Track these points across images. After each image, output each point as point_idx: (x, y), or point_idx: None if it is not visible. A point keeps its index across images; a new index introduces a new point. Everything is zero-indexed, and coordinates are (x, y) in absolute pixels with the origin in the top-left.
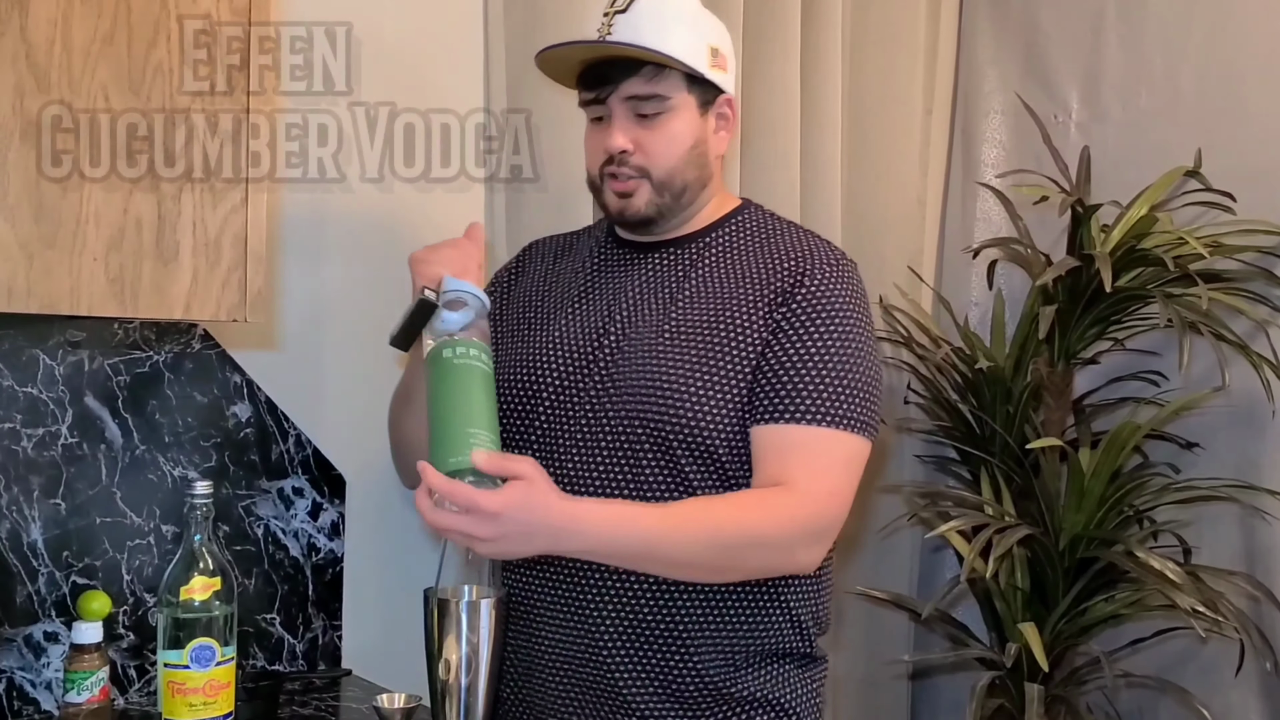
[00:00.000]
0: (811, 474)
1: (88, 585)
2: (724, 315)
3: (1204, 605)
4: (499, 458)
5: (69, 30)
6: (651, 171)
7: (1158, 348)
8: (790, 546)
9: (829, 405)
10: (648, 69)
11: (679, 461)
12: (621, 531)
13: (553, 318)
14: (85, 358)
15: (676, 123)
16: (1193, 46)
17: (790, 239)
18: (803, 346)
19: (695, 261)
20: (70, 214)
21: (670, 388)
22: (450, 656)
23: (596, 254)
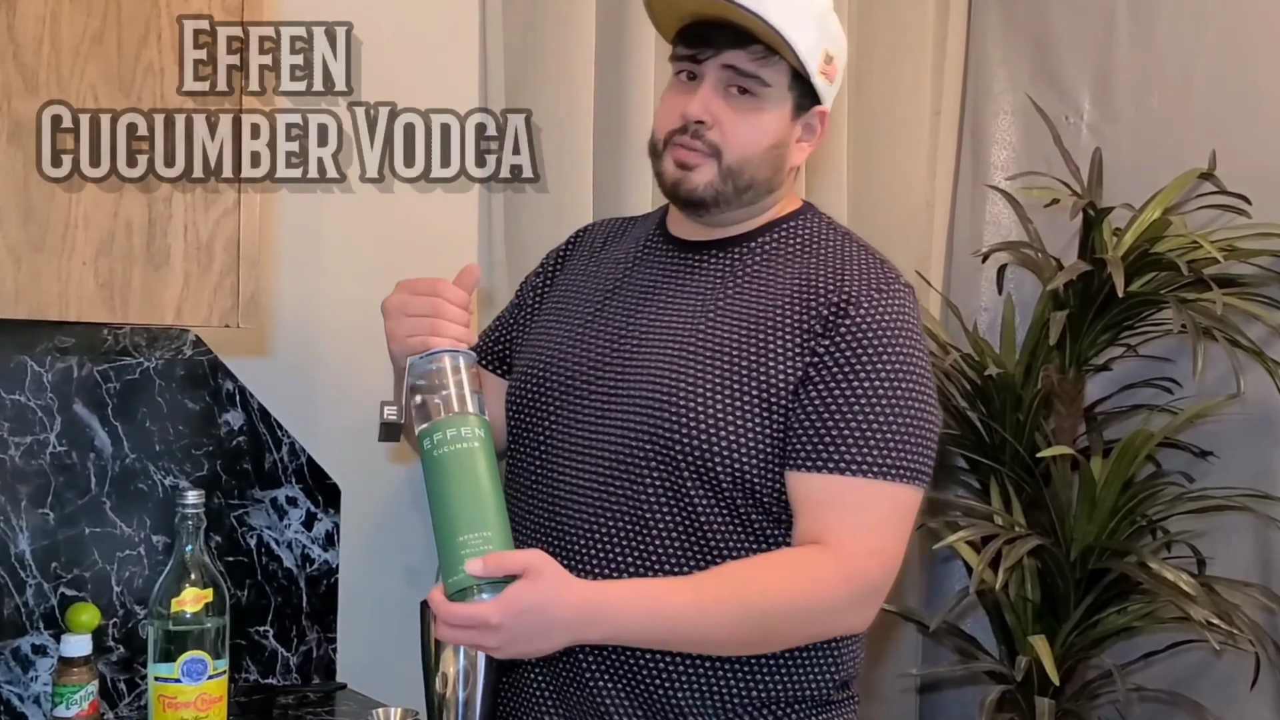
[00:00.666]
0: (852, 532)
1: (77, 597)
2: (757, 334)
3: (1218, 617)
4: (495, 560)
5: (58, 29)
6: (724, 153)
7: (1171, 354)
8: (832, 614)
9: (874, 454)
10: (757, 47)
11: (685, 487)
12: (648, 618)
13: (578, 310)
14: (74, 364)
15: (766, 115)
16: (1206, 45)
17: (840, 254)
18: (846, 386)
19: (736, 269)
20: (59, 217)
21: (685, 407)
22: (448, 670)
23: (642, 244)
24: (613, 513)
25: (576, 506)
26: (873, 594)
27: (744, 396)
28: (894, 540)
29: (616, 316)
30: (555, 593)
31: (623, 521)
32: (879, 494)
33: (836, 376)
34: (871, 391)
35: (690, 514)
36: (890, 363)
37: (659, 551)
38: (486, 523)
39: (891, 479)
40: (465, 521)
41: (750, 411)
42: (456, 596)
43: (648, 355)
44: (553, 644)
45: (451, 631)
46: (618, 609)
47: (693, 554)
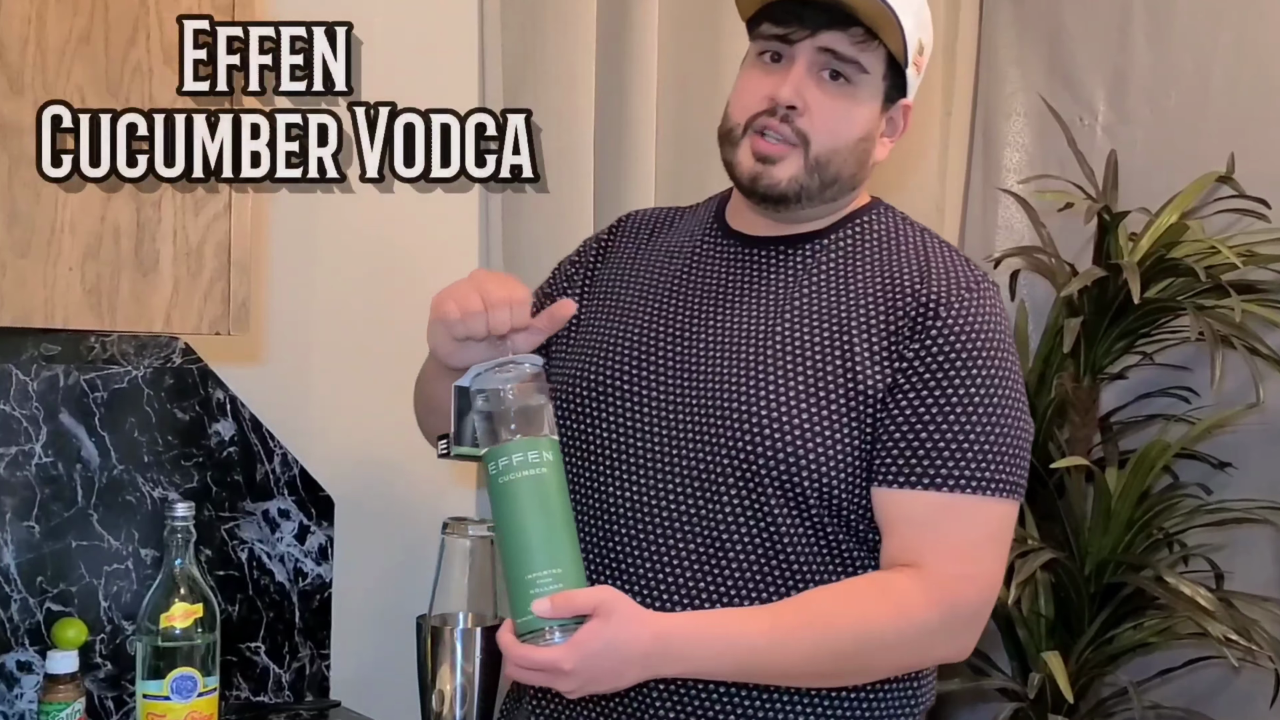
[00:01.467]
0: (946, 555)
1: (63, 612)
2: (841, 338)
3: (1237, 633)
4: (564, 600)
5: (43, 28)
6: (813, 142)
7: (1189, 362)
8: (924, 644)
9: (971, 467)
10: (858, 30)
11: (768, 505)
12: (724, 650)
13: (635, 308)
14: (60, 373)
15: (859, 103)
16: (1224, 44)
17: (921, 251)
18: (940, 393)
19: (810, 268)
20: (45, 221)
21: (769, 417)
22: (444, 687)
23: (699, 239)
24: (684, 535)
25: (640, 528)
26: (971, 620)
27: (830, 405)
28: (992, 561)
29: (679, 317)
30: (628, 631)
31: (695, 545)
32: (976, 511)
33: (929, 383)
34: (966, 399)
35: (772, 535)
36: (984, 368)
37: (736, 577)
38: (558, 559)
39: (989, 494)
40: (536, 557)
41: (838, 421)
42: (528, 637)
43: (721, 360)
44: (627, 681)
45: (523, 674)
46: (692, 643)
47: (773, 579)
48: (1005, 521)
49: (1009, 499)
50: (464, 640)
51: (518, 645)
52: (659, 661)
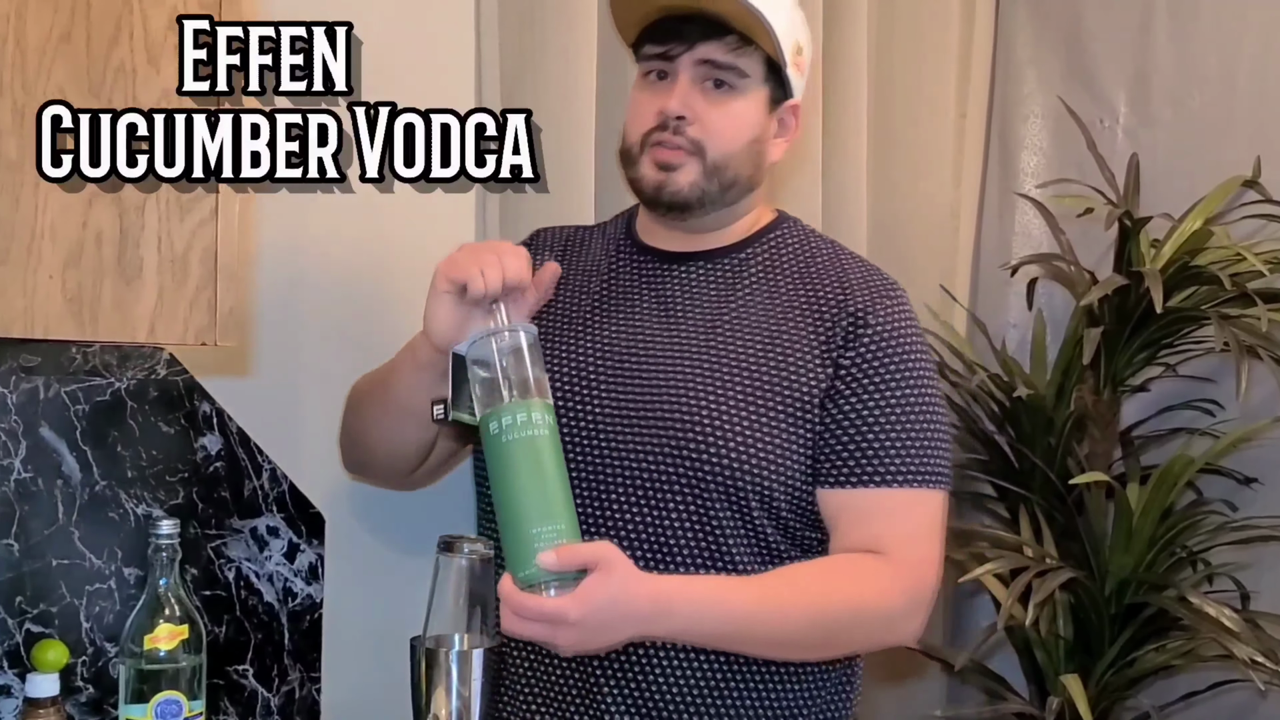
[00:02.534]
0: (905, 541)
1: (43, 634)
2: (775, 348)
3: (1264, 655)
4: (569, 553)
5: (23, 27)
6: (707, 149)
7: (1213, 374)
8: (893, 620)
9: (914, 464)
10: (732, 37)
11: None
12: (714, 614)
13: (561, 326)
14: (40, 385)
15: (745, 106)
16: (1249, 44)
17: (837, 265)
18: (879, 396)
19: (732, 282)
20: (24, 227)
21: (713, 425)
22: (439, 711)
23: (614, 256)
24: (632, 540)
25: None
26: (926, 602)
27: (768, 411)
28: (939, 547)
29: (608, 331)
30: (629, 587)
31: (642, 549)
32: (920, 503)
33: (867, 388)
34: (901, 400)
35: (716, 540)
36: (913, 370)
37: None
38: (557, 515)
39: (930, 486)
40: (537, 513)
41: (776, 426)
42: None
43: (659, 372)
44: (621, 638)
45: (522, 624)
46: (688, 603)
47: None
48: (942, 510)
49: (944, 489)
50: (460, 663)
51: (521, 594)
52: (654, 620)
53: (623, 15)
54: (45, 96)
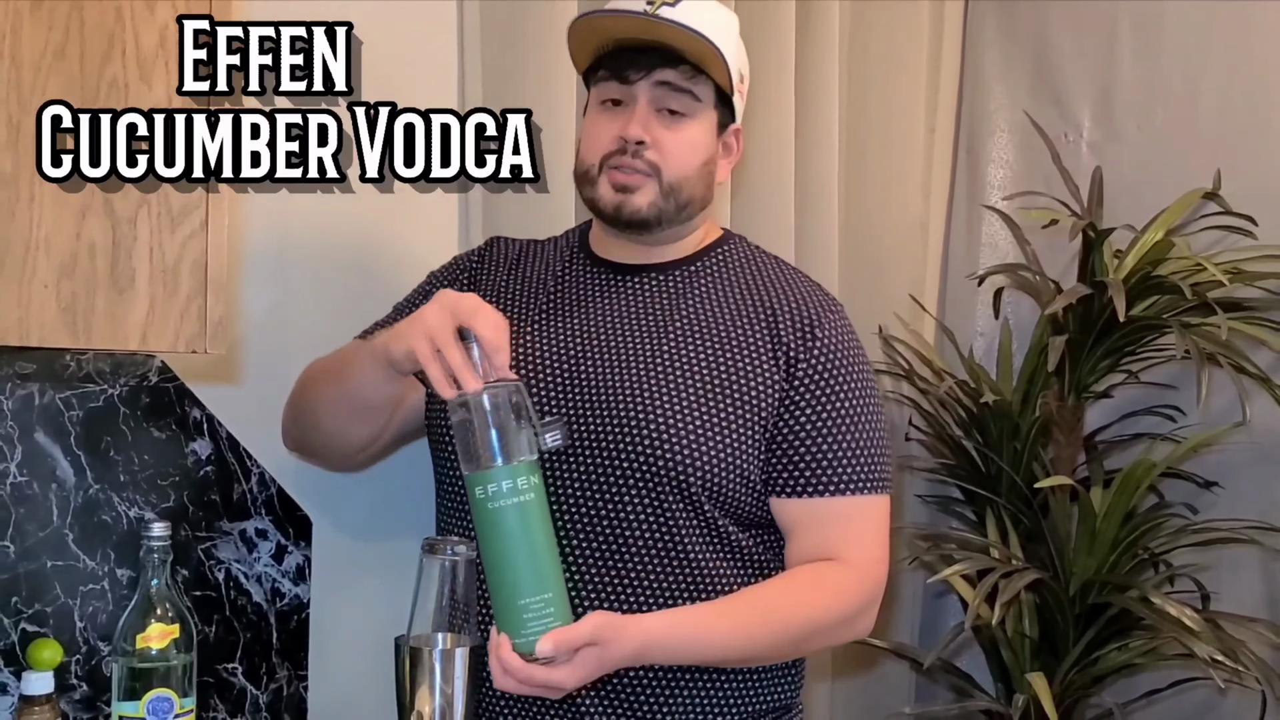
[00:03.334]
0: (859, 545)
1: (38, 633)
2: (727, 353)
3: (1223, 654)
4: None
5: (18, 43)
6: (664, 172)
7: (1174, 381)
8: (851, 621)
9: (863, 472)
10: (686, 67)
11: (664, 504)
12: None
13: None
14: (35, 391)
15: (697, 130)
16: (1212, 61)
17: (783, 279)
18: (830, 407)
19: (684, 291)
20: (19, 239)
21: (666, 423)
22: (423, 709)
23: (566, 266)
24: (588, 533)
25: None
26: (877, 599)
27: (723, 412)
28: (886, 546)
29: (562, 337)
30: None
31: (599, 541)
32: (870, 508)
33: (819, 398)
34: (851, 410)
35: (670, 533)
36: (858, 380)
37: (638, 573)
38: (547, 584)
39: (878, 491)
40: (526, 583)
41: (729, 426)
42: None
43: (614, 375)
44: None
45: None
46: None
47: (672, 574)
48: (888, 512)
49: (888, 493)
50: (443, 661)
51: (525, 666)
52: (639, 660)
53: (578, 44)
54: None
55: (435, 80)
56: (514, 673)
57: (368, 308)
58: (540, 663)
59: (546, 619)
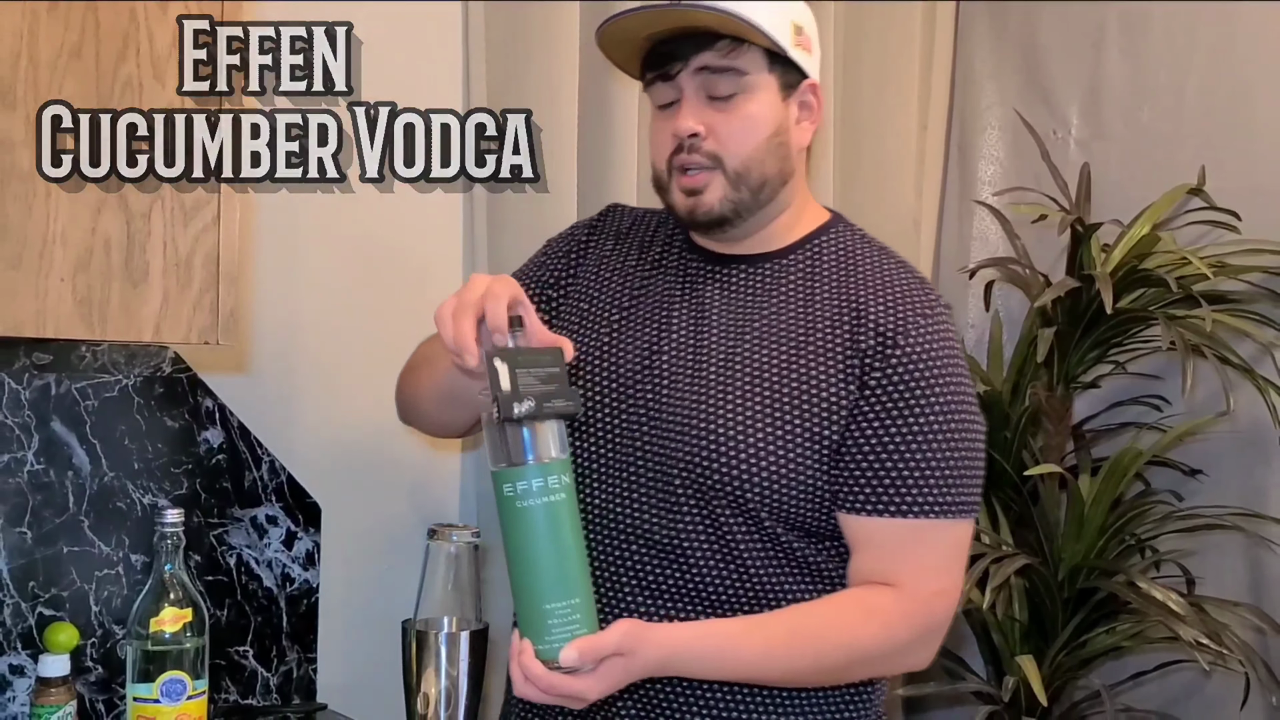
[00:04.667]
0: (919, 574)
1: (54, 617)
2: (801, 360)
3: (1208, 637)
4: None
5: (34, 43)
6: (725, 160)
7: (1160, 371)
8: (898, 655)
9: (935, 493)
10: (724, 42)
11: (720, 517)
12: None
13: (601, 315)
14: (52, 381)
15: (754, 105)
16: (1197, 61)
17: (878, 277)
18: (904, 423)
19: (769, 288)
20: (36, 234)
21: (725, 437)
22: (429, 690)
23: (664, 252)
24: (649, 539)
25: (606, 530)
26: (936, 634)
27: (787, 424)
28: (958, 577)
29: (644, 328)
30: (644, 660)
31: (659, 549)
32: (942, 534)
33: (891, 413)
34: (928, 428)
35: (727, 543)
36: (944, 395)
37: (695, 580)
38: (573, 588)
39: (953, 517)
40: (552, 587)
41: (794, 440)
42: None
43: (683, 377)
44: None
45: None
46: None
47: (730, 583)
48: (966, 539)
49: (969, 518)
50: (448, 644)
51: (548, 674)
52: (665, 670)
53: (617, 54)
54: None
55: (440, 81)
56: (536, 680)
57: (375, 300)
58: (564, 671)
59: (572, 626)
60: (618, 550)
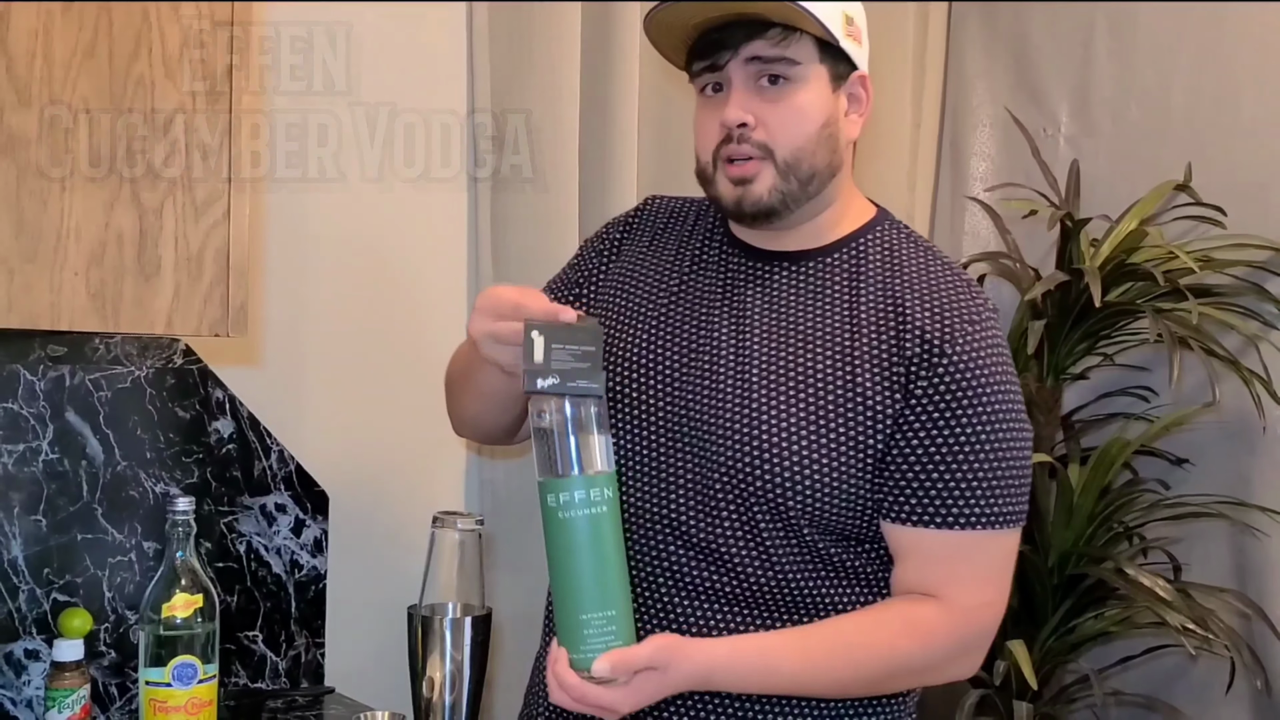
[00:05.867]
0: (965, 587)
1: (69, 602)
2: (846, 366)
3: (1194, 623)
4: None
5: (50, 42)
6: (775, 150)
7: (1147, 363)
8: (940, 667)
9: (981, 505)
10: (775, 30)
11: (759, 522)
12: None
13: (642, 311)
14: (66, 373)
15: (805, 95)
16: (1184, 60)
17: (925, 280)
18: (949, 434)
19: (814, 288)
20: (51, 228)
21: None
22: (434, 674)
23: (704, 246)
24: (687, 539)
25: (648, 527)
26: (980, 645)
27: (832, 436)
28: (1004, 588)
29: (685, 326)
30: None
31: (697, 548)
32: (989, 545)
33: (938, 423)
34: (975, 439)
35: (764, 548)
36: (991, 405)
37: (734, 580)
38: (611, 600)
39: (999, 528)
40: (590, 598)
41: (838, 448)
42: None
43: (726, 379)
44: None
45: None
46: (732, 673)
47: (769, 584)
48: (1014, 548)
49: (1017, 528)
50: (453, 630)
51: (580, 684)
52: (699, 686)
53: (663, 41)
54: (71, 107)
55: (445, 80)
56: (569, 689)
57: (381, 295)
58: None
59: (607, 637)
60: (656, 548)
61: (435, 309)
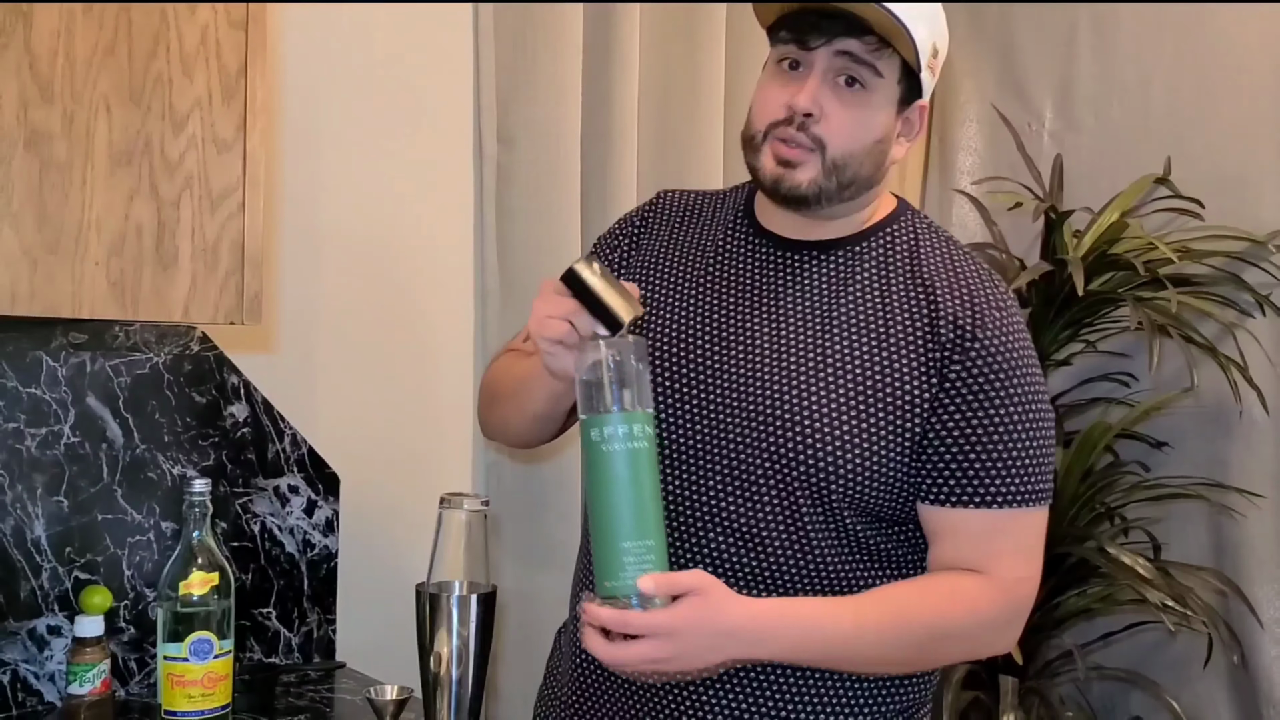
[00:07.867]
0: (1004, 561)
1: (89, 580)
2: (881, 351)
3: (1173, 600)
4: (666, 581)
5: (71, 41)
6: (829, 147)
7: (1128, 350)
8: (986, 638)
9: (1016, 483)
10: (871, 38)
11: (799, 506)
12: (811, 638)
13: (670, 300)
14: (87, 359)
15: (874, 107)
16: (1163, 58)
17: (951, 268)
18: (984, 415)
19: (846, 277)
20: (72, 221)
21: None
22: (441, 649)
23: (729, 232)
24: (725, 525)
25: (686, 514)
26: (1020, 617)
27: (870, 416)
28: (1038, 563)
29: (716, 315)
30: (724, 606)
31: (735, 534)
32: (1023, 522)
33: (972, 405)
34: (1009, 419)
35: (804, 533)
36: (1021, 386)
37: (771, 565)
38: (649, 531)
39: (1033, 505)
40: (629, 527)
41: (877, 432)
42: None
43: (763, 366)
44: (721, 658)
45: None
46: (787, 629)
47: (805, 568)
48: (1044, 524)
49: (1046, 504)
50: (459, 606)
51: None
52: (748, 641)
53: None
54: (92, 104)
55: (452, 78)
56: (607, 621)
57: (390, 284)
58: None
59: (647, 564)
60: (693, 535)
61: (442, 298)
